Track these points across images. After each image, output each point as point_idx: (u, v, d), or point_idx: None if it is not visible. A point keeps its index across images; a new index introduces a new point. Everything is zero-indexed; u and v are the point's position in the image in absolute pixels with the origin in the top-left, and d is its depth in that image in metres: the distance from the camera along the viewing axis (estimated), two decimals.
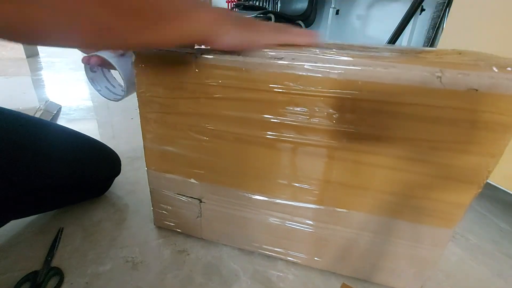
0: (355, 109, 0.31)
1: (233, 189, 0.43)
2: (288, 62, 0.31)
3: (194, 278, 0.43)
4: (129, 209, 0.57)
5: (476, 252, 0.52)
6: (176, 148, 0.42)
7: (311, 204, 0.39)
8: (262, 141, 0.37)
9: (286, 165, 0.38)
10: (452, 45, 0.69)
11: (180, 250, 0.48)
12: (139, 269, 0.44)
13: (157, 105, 0.39)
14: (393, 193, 0.35)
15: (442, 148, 0.31)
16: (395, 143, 0.32)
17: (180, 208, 0.48)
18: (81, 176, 0.52)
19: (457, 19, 0.69)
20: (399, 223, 0.37)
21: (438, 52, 0.38)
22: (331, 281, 0.44)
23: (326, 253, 0.43)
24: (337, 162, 0.35)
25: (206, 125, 0.39)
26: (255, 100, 0.35)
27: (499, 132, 0.28)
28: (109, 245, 0.48)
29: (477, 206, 0.66)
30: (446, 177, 0.32)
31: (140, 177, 0.68)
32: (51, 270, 0.42)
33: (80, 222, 0.53)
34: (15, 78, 1.51)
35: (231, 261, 0.46)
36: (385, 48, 0.42)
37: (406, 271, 0.40)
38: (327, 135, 0.34)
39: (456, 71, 0.27)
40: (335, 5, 1.94)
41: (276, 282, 0.43)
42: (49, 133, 0.51)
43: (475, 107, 0.28)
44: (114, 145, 0.61)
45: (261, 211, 0.43)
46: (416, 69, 0.28)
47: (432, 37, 1.32)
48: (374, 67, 0.29)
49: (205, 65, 0.35)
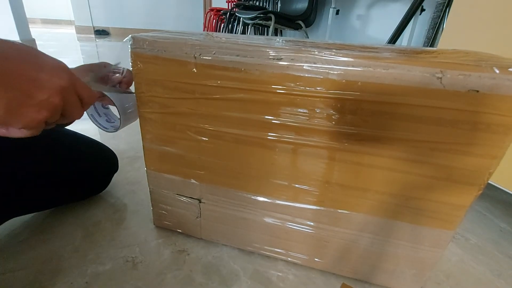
0: (355, 110, 0.31)
1: (233, 189, 0.42)
2: (287, 63, 0.31)
3: (194, 278, 0.43)
4: (129, 209, 0.57)
5: (476, 252, 0.52)
6: (176, 148, 0.42)
7: (311, 205, 0.39)
8: (262, 142, 0.37)
9: (286, 166, 0.38)
10: (452, 45, 0.69)
11: (180, 250, 0.48)
12: (139, 269, 0.44)
13: (157, 106, 0.39)
14: (394, 194, 0.35)
15: (443, 150, 0.31)
16: (395, 144, 0.32)
17: (179, 208, 0.48)
18: (79, 173, 0.53)
19: (457, 19, 0.69)
20: (399, 225, 0.37)
21: (438, 52, 0.38)
22: (331, 281, 0.44)
23: (326, 254, 0.43)
24: (337, 163, 0.35)
25: (206, 126, 0.39)
26: (254, 101, 0.35)
27: (501, 134, 0.28)
28: (109, 245, 0.48)
29: (477, 206, 0.66)
30: (447, 178, 0.32)
31: (140, 177, 0.68)
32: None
33: (80, 222, 0.53)
34: None
35: (231, 261, 0.46)
36: (385, 48, 0.42)
37: (406, 272, 0.40)
38: (327, 136, 0.34)
39: (456, 71, 0.27)
40: (335, 5, 1.94)
41: (276, 282, 0.43)
42: (47, 132, 0.52)
43: (476, 108, 0.28)
44: (114, 145, 0.61)
45: (261, 212, 0.43)
46: (416, 69, 0.28)
47: (432, 37, 1.32)
48: (374, 67, 0.29)
49: (204, 65, 0.34)
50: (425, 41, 1.38)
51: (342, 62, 0.30)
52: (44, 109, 0.26)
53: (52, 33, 3.48)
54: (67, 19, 4.50)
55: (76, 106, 0.31)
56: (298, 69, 0.31)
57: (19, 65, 0.24)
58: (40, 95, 0.26)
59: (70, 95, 0.29)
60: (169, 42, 0.35)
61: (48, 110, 0.27)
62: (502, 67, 0.26)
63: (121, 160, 0.62)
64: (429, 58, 0.29)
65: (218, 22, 2.48)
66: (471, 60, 0.29)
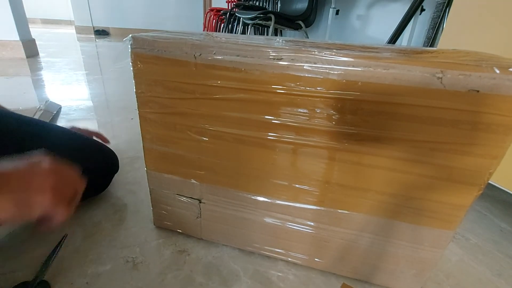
0: (355, 110, 0.31)
1: (233, 190, 0.42)
2: (287, 63, 0.31)
3: (195, 278, 0.43)
4: (129, 209, 0.57)
5: (476, 252, 0.52)
6: (176, 148, 0.42)
7: (311, 205, 0.39)
8: (262, 142, 0.37)
9: (286, 166, 0.38)
10: (452, 45, 0.69)
11: (180, 250, 0.48)
12: (139, 269, 0.44)
13: (157, 105, 0.39)
14: (394, 194, 0.35)
15: (443, 150, 0.31)
16: (395, 144, 0.32)
17: (180, 208, 0.48)
18: (80, 173, 0.53)
19: (457, 19, 0.69)
20: (399, 225, 0.37)
21: (438, 52, 0.38)
22: (331, 281, 0.44)
23: (327, 254, 0.43)
24: (338, 163, 0.35)
25: (206, 126, 0.39)
26: (254, 101, 0.35)
27: (501, 134, 0.28)
28: (109, 245, 0.48)
29: (477, 206, 0.66)
30: (447, 178, 0.32)
31: (140, 177, 0.68)
32: (40, 284, 0.40)
33: (80, 222, 0.53)
34: (15, 78, 1.51)
35: (231, 261, 0.46)
36: (385, 48, 0.42)
37: (406, 272, 0.40)
38: (327, 136, 0.34)
39: (457, 71, 0.27)
40: (335, 5, 1.94)
41: (276, 282, 0.43)
42: (48, 133, 0.52)
43: (476, 108, 0.28)
44: (114, 145, 0.61)
45: (262, 212, 0.43)
46: (416, 69, 0.28)
47: (432, 37, 1.32)
48: (374, 67, 0.29)
49: (204, 65, 0.34)
50: (425, 41, 1.38)
51: (342, 62, 0.30)
52: (41, 205, 0.29)
53: (52, 33, 3.49)
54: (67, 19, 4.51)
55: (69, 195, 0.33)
56: (298, 69, 0.31)
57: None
58: (34, 196, 0.29)
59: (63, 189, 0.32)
60: (169, 42, 0.35)
61: (45, 205, 0.30)
62: (502, 67, 0.26)
63: (121, 160, 0.62)
64: (429, 58, 0.29)
65: (218, 22, 2.48)
66: (471, 60, 0.29)
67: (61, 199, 0.31)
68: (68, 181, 0.34)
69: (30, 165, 0.30)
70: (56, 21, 4.65)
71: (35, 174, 0.30)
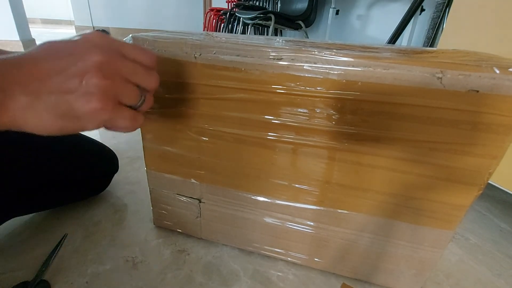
0: (355, 110, 0.31)
1: (233, 189, 0.43)
2: (287, 63, 0.31)
3: (194, 278, 0.43)
4: (129, 209, 0.57)
5: (476, 252, 0.52)
6: (176, 148, 0.42)
7: (311, 205, 0.39)
8: (262, 142, 0.37)
9: (286, 166, 0.38)
10: (452, 45, 0.69)
11: (180, 250, 0.48)
12: (139, 268, 0.44)
13: (157, 105, 0.39)
14: (393, 194, 0.35)
15: (443, 150, 0.31)
16: (395, 144, 0.32)
17: (179, 208, 0.48)
18: (79, 173, 0.53)
19: (457, 19, 0.69)
20: (399, 225, 0.37)
21: (438, 52, 0.38)
22: (331, 281, 0.44)
23: (326, 254, 0.43)
24: (337, 163, 0.35)
25: (206, 126, 0.39)
26: (254, 101, 0.35)
27: (501, 134, 0.28)
28: (109, 245, 0.48)
29: (477, 206, 0.66)
30: (447, 178, 0.32)
31: (140, 177, 0.68)
32: (39, 284, 0.40)
33: (80, 222, 0.53)
34: None
35: (231, 261, 0.46)
36: (385, 48, 0.42)
37: (406, 272, 0.40)
38: (327, 136, 0.34)
39: (456, 72, 0.27)
40: (335, 5, 1.94)
41: (276, 282, 0.43)
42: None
43: (476, 108, 0.28)
44: (114, 145, 0.61)
45: (261, 212, 0.43)
46: (416, 69, 0.28)
47: (432, 37, 1.32)
48: (374, 67, 0.29)
49: (204, 65, 0.34)
50: (425, 41, 1.38)
51: (342, 62, 0.30)
52: (88, 96, 0.22)
53: (52, 33, 3.48)
54: (67, 19, 4.50)
55: (139, 72, 0.25)
56: (298, 69, 0.31)
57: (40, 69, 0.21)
58: (72, 85, 0.22)
59: (119, 65, 0.24)
60: (169, 42, 0.35)
61: (94, 94, 0.22)
62: (502, 67, 0.26)
63: (121, 160, 0.62)
64: (429, 58, 0.29)
65: (218, 22, 2.48)
66: (471, 60, 0.29)
67: (116, 99, 0.24)
68: (128, 71, 0.25)
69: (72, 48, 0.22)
70: (56, 21, 4.65)
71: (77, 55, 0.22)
